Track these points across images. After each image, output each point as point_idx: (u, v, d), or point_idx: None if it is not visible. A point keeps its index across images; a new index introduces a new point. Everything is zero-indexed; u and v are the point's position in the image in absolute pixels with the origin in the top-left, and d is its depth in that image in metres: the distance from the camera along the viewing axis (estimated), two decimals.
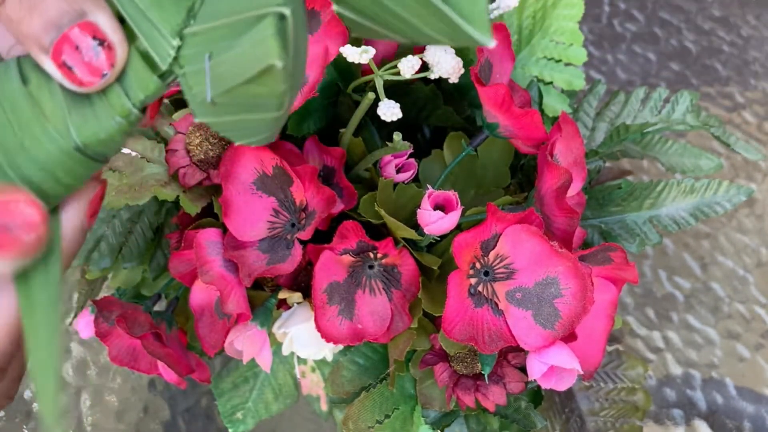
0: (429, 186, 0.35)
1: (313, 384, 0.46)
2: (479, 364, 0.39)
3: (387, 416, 0.41)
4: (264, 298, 0.40)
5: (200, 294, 0.40)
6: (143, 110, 0.23)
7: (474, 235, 0.33)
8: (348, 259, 0.36)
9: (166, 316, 0.41)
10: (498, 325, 0.34)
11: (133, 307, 0.40)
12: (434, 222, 0.33)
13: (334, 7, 0.21)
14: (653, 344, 0.61)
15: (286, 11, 0.18)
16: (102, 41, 0.21)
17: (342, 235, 0.35)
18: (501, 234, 0.34)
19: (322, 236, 0.38)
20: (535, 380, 0.35)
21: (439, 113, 0.43)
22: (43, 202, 0.23)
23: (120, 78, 0.22)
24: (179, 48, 0.21)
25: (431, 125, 0.46)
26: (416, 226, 0.35)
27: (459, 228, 0.35)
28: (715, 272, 0.65)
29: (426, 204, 0.34)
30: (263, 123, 0.20)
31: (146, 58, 0.22)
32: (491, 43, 0.19)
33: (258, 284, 0.41)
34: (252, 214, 0.37)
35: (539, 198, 0.37)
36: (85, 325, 0.42)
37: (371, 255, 0.36)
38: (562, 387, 0.35)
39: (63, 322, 0.61)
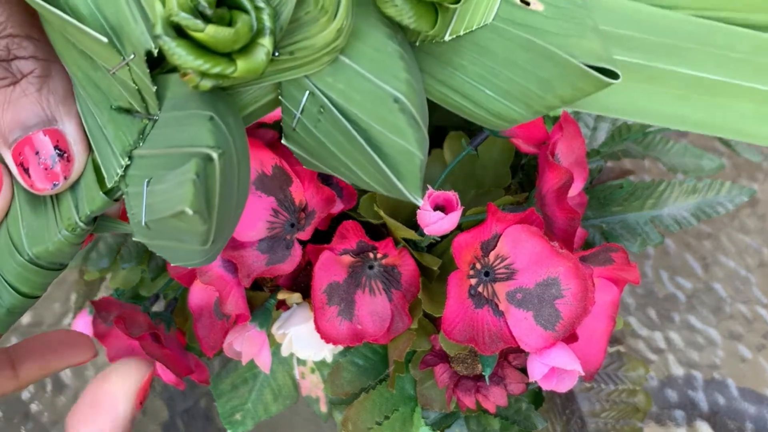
0: (429, 186, 0.35)
1: (313, 385, 0.45)
2: (480, 365, 0.39)
3: (387, 417, 0.41)
4: (263, 299, 0.40)
5: (199, 294, 0.40)
6: (92, 221, 0.23)
7: (474, 235, 0.33)
8: (348, 259, 0.36)
9: (165, 316, 0.41)
10: (498, 326, 0.34)
11: (132, 308, 0.40)
12: (434, 222, 0.33)
13: (283, 141, 0.22)
14: (655, 345, 0.61)
15: (214, 154, 0.18)
16: (63, 151, 0.22)
17: (342, 235, 0.35)
18: (501, 234, 0.33)
19: (322, 236, 0.38)
20: (535, 381, 0.35)
21: (439, 113, 0.43)
22: (3, 315, 0.24)
23: (74, 188, 0.23)
24: (127, 167, 0.21)
25: (431, 125, 0.46)
26: (416, 227, 0.35)
27: (459, 228, 0.35)
28: (717, 272, 0.65)
29: (426, 204, 0.33)
30: (192, 252, 0.21)
31: (98, 172, 0.22)
32: (419, 202, 0.21)
33: (257, 285, 0.40)
34: (251, 214, 0.37)
35: (540, 198, 0.36)
36: (83, 325, 0.41)
37: (371, 255, 0.36)
38: (563, 388, 0.35)
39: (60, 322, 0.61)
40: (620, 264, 0.35)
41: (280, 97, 0.21)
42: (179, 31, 0.18)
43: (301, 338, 0.39)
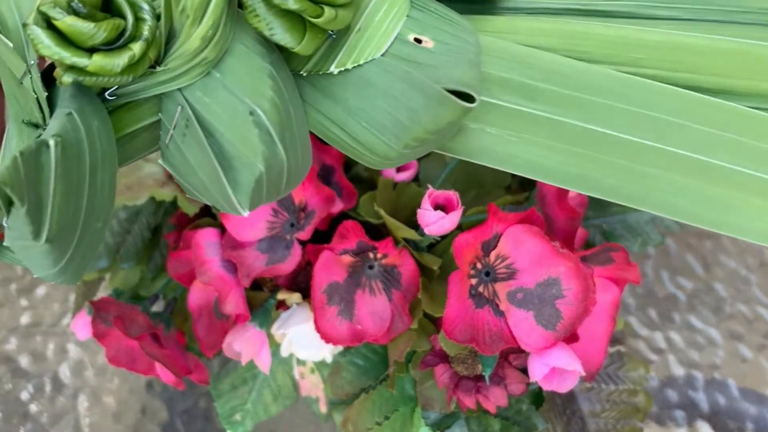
0: (429, 185, 0.35)
1: (313, 385, 0.45)
2: (480, 366, 0.38)
3: (387, 418, 0.41)
4: (263, 299, 0.39)
5: (198, 294, 0.40)
6: None
7: (475, 235, 0.33)
8: (348, 259, 0.36)
9: (164, 316, 0.41)
10: (499, 326, 0.34)
11: (131, 308, 0.40)
12: (435, 222, 0.33)
13: (160, 161, 0.23)
14: (655, 345, 0.61)
15: (51, 141, 0.19)
16: None
17: (342, 235, 0.35)
18: (502, 234, 0.33)
19: (322, 236, 0.38)
20: (536, 382, 0.35)
21: None
22: None
23: None
24: None
25: None
26: (416, 226, 0.35)
27: (459, 228, 0.35)
28: (718, 272, 0.65)
29: (426, 204, 0.33)
30: (34, 252, 0.21)
31: None
32: (244, 213, 0.22)
33: (257, 284, 0.40)
34: (251, 214, 0.37)
35: (540, 198, 0.36)
36: (82, 326, 0.41)
37: (371, 255, 0.36)
38: (563, 388, 0.35)
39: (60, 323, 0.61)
40: (621, 264, 0.35)
41: (159, 114, 0.22)
42: (50, 25, 0.19)
43: (301, 338, 0.39)
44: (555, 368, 0.34)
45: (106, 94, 0.22)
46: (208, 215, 0.40)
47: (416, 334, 0.38)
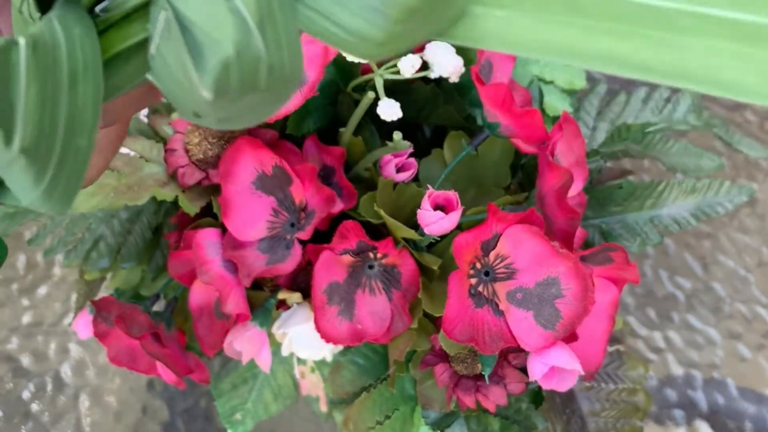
0: (429, 186, 0.35)
1: (313, 385, 0.45)
2: (480, 365, 0.38)
3: (387, 417, 0.41)
4: (263, 299, 0.40)
5: (199, 294, 0.40)
6: None
7: (474, 235, 0.33)
8: (348, 259, 0.36)
9: (165, 316, 0.41)
10: (498, 326, 0.34)
11: (132, 308, 0.40)
12: (434, 222, 0.33)
13: (148, 75, 0.22)
14: (654, 344, 0.61)
15: (21, 39, 0.18)
16: None
17: (342, 235, 0.35)
18: (501, 234, 0.33)
19: (322, 236, 0.38)
20: (536, 381, 0.35)
21: (439, 112, 0.43)
22: None
23: None
24: None
25: (431, 124, 0.46)
26: (416, 226, 0.35)
27: (459, 228, 0.35)
28: (717, 272, 0.65)
29: (426, 204, 0.33)
30: (14, 168, 0.19)
31: None
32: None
33: (257, 284, 0.40)
34: (251, 214, 0.37)
35: (540, 198, 0.36)
36: (83, 325, 0.41)
37: (371, 255, 0.36)
38: (563, 388, 0.35)
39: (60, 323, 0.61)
40: (620, 264, 0.35)
41: (148, 25, 0.21)
42: None
43: (301, 338, 0.39)
44: (554, 367, 0.34)
45: (97, 9, 0.21)
46: (209, 215, 0.41)
47: (416, 334, 0.38)
